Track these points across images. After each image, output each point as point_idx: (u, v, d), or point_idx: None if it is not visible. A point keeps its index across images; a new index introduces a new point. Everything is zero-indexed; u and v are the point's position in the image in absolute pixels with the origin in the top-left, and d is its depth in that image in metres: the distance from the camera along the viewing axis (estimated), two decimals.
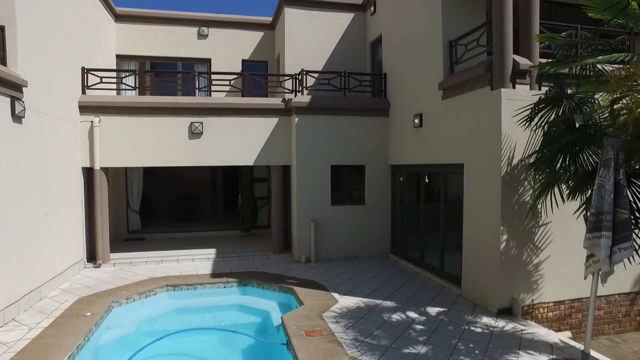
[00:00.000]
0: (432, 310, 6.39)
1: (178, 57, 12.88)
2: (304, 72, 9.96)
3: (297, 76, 10.02)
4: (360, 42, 11.73)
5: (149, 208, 15.09)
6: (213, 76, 11.05)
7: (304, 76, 9.96)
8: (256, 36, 13.27)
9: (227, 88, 10.36)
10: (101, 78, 9.33)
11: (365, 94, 10.66)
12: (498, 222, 6.06)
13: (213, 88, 10.47)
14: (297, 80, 10.01)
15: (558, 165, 5.08)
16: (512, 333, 5.51)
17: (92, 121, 8.95)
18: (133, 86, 10.13)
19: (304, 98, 9.62)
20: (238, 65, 13.01)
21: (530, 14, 6.13)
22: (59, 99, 7.94)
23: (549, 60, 5.98)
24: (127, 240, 11.97)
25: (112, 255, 9.65)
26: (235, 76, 10.62)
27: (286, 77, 10.56)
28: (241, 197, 13.35)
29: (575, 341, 5.38)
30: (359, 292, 7.25)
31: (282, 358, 5.30)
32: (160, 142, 9.38)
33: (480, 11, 7.40)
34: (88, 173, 9.13)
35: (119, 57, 12.35)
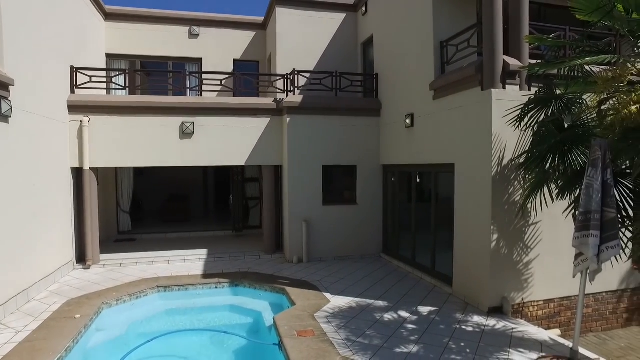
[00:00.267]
0: (424, 309, 6.42)
1: (169, 57, 12.77)
2: (296, 72, 9.94)
3: (289, 76, 10.00)
4: (351, 43, 11.74)
5: (140, 208, 14.95)
6: (204, 76, 10.98)
7: (296, 76, 9.95)
8: (248, 36, 13.23)
9: (219, 88, 10.31)
10: (90, 77, 9.22)
11: (356, 94, 10.68)
12: (489, 222, 6.11)
13: (204, 88, 10.41)
14: (289, 80, 9.99)
15: (547, 165, 5.16)
16: (503, 331, 5.56)
17: (82, 121, 8.85)
18: (123, 85, 10.04)
19: (296, 98, 9.61)
20: (229, 65, 12.95)
21: (520, 16, 6.18)
22: (48, 98, 7.83)
23: (539, 61, 6.04)
24: (118, 241, 11.84)
25: (102, 256, 9.54)
26: (226, 76, 10.56)
27: (278, 77, 10.54)
28: (233, 198, 13.30)
29: (564, 339, 5.45)
30: (351, 292, 7.26)
31: (274, 358, 5.29)
32: (150, 142, 9.30)
33: (471, 12, 7.46)
34: (77, 173, 9.02)
35: (109, 56, 12.21)
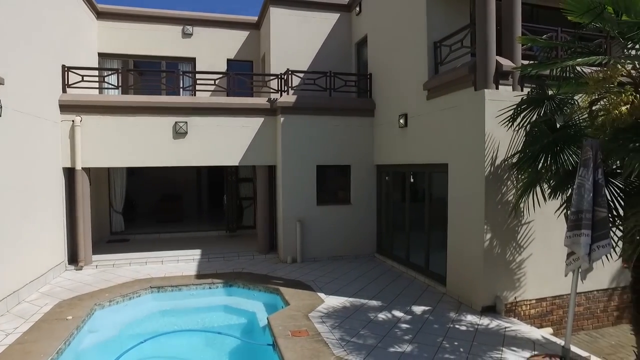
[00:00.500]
0: (418, 309, 6.45)
1: (162, 56, 12.69)
2: (290, 72, 9.93)
3: (283, 76, 9.99)
4: (345, 43, 11.76)
5: (133, 209, 14.83)
6: (198, 75, 10.92)
7: (290, 76, 9.93)
8: (241, 35, 13.20)
9: (212, 88, 10.28)
10: (82, 76, 9.14)
11: (350, 94, 10.70)
12: (482, 221, 6.15)
13: (198, 87, 10.37)
14: (283, 80, 9.99)
15: (540, 164, 5.19)
16: (496, 330, 5.60)
17: (74, 120, 8.76)
18: (116, 85, 9.95)
19: (290, 98, 9.60)
20: (223, 64, 12.91)
21: (512, 17, 6.23)
22: (39, 98, 7.75)
23: (531, 62, 6.10)
24: (110, 241, 11.75)
25: (95, 257, 9.46)
26: (220, 75, 10.52)
27: (272, 77, 10.52)
28: (226, 198, 13.26)
29: (556, 337, 5.50)
30: (345, 292, 7.27)
31: (268, 359, 5.28)
32: (143, 142, 9.24)
33: (464, 13, 7.50)
34: (69, 173, 8.94)
35: (101, 56, 12.11)
